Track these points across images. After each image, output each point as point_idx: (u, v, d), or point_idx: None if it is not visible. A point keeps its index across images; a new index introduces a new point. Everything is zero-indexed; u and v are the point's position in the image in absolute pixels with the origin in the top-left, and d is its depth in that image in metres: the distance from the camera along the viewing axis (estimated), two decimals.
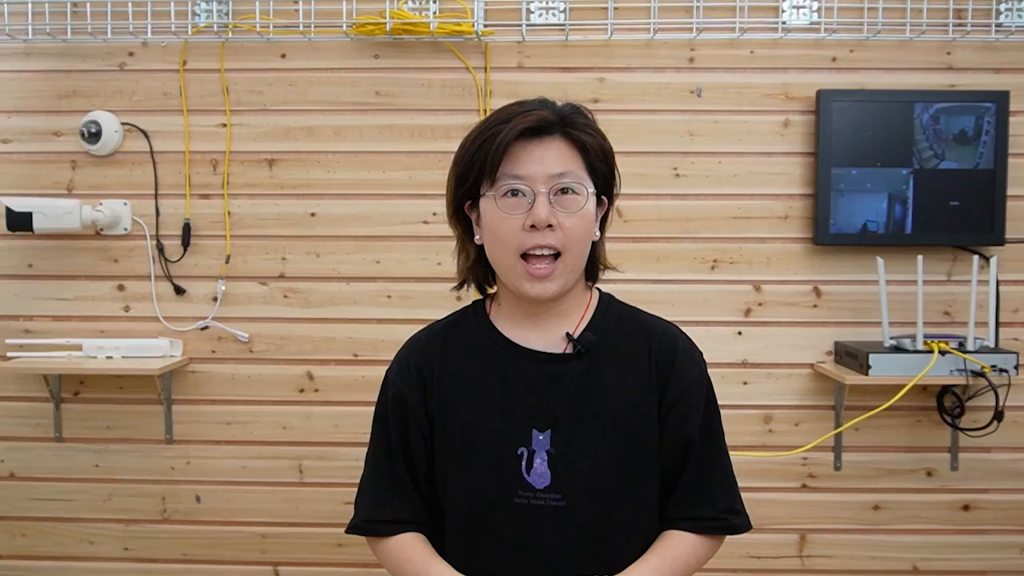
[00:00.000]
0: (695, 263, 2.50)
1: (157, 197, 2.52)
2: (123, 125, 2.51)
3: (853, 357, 2.36)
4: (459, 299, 1.38)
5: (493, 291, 1.34)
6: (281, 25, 2.47)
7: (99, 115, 2.48)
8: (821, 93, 2.41)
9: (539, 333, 1.27)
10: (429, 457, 1.29)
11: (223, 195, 2.52)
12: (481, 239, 1.26)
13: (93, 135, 2.47)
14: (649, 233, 2.49)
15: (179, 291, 2.53)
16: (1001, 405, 2.26)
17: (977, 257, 2.37)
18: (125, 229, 2.53)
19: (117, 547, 2.59)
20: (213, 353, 2.55)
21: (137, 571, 2.59)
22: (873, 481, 2.51)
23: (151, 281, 2.53)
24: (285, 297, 2.54)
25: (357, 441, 2.45)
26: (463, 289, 1.34)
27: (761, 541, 2.51)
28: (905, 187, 2.40)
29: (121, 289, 2.55)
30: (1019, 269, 2.46)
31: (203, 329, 2.54)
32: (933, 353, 2.25)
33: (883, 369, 2.27)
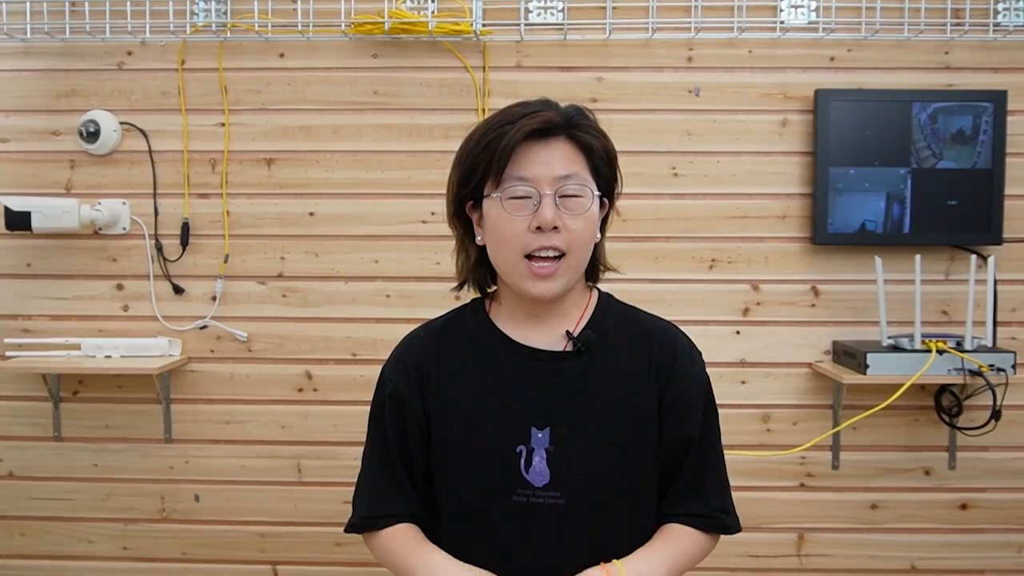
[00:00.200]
0: (693, 262, 2.50)
1: (156, 196, 2.52)
2: (121, 124, 2.51)
3: (851, 356, 2.36)
4: (458, 299, 1.38)
5: (492, 291, 1.34)
6: (279, 24, 2.47)
7: (97, 114, 2.48)
8: (819, 93, 2.42)
9: (539, 332, 1.28)
10: (427, 454, 1.29)
11: (222, 194, 2.52)
12: (483, 240, 1.26)
13: (92, 134, 2.47)
14: (647, 232, 2.49)
15: (178, 290, 2.53)
16: (999, 404, 2.27)
17: (975, 256, 2.37)
18: (124, 228, 2.53)
19: (116, 546, 2.59)
20: (212, 352, 2.55)
21: (136, 570, 2.59)
22: (871, 480, 2.51)
23: (150, 280, 2.54)
24: (284, 296, 2.54)
25: (356, 440, 2.43)
26: (463, 289, 1.34)
27: (759, 540, 2.52)
28: (903, 186, 2.41)
29: (120, 288, 2.55)
30: (1017, 268, 2.47)
31: (202, 328, 2.54)
32: (931, 352, 2.26)
33: (881, 368, 2.28)
